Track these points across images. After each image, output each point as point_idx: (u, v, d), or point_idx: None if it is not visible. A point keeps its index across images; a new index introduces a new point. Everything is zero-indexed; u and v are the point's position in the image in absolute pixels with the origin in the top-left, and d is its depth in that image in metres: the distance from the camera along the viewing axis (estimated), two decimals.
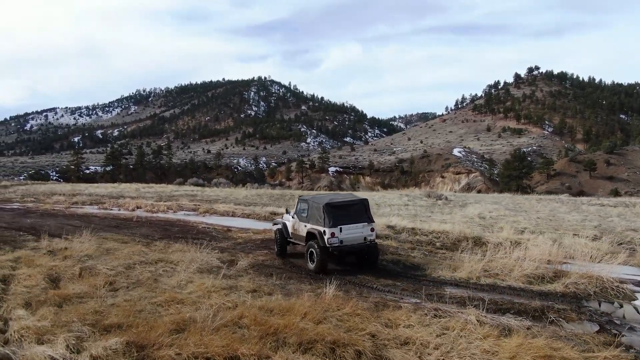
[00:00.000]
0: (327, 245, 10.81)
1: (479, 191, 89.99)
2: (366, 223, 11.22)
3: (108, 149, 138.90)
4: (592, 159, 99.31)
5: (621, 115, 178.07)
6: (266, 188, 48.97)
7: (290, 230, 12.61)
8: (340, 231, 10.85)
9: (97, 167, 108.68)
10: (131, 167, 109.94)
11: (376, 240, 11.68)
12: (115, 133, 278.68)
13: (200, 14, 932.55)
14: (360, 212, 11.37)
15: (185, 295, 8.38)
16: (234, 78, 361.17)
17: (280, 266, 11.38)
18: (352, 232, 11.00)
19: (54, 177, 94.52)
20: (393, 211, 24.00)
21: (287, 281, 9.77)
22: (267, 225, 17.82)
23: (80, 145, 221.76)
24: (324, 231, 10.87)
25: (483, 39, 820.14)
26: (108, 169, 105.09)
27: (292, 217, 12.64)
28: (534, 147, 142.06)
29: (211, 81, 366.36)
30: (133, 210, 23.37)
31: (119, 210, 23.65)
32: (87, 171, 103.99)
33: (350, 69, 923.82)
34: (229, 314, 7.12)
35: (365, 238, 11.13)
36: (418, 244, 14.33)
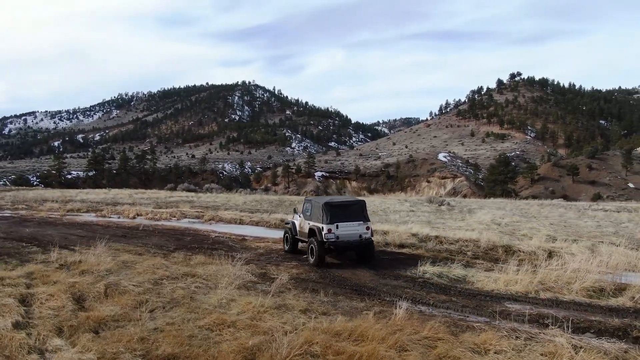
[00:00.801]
0: (324, 240, 11.68)
1: (465, 195, 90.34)
2: (362, 222, 12.08)
3: (89, 153, 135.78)
4: (574, 163, 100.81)
5: (601, 121, 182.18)
6: (260, 194, 48.06)
7: (297, 228, 13.49)
8: (337, 228, 11.73)
9: (79, 172, 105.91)
10: (114, 172, 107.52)
11: (372, 238, 12.41)
12: (97, 137, 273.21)
13: (184, 18, 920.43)
14: (357, 212, 12.22)
15: (234, 316, 7.55)
16: (218, 82, 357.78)
17: (319, 280, 10.60)
18: (348, 230, 11.86)
19: (35, 182, 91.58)
20: (403, 218, 23.42)
21: (336, 297, 9.00)
22: (282, 234, 17.02)
23: (61, 149, 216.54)
24: (322, 227, 11.75)
25: (466, 46, 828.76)
26: (91, 174, 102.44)
27: (299, 217, 13.53)
28: (517, 152, 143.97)
29: (195, 85, 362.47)
30: (134, 218, 22.31)
31: (119, 218, 22.55)
32: (69, 176, 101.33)
33: (334, 74, 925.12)
34: (296, 340, 6.35)
35: (360, 236, 11.97)
36: (450, 254, 13.72)
